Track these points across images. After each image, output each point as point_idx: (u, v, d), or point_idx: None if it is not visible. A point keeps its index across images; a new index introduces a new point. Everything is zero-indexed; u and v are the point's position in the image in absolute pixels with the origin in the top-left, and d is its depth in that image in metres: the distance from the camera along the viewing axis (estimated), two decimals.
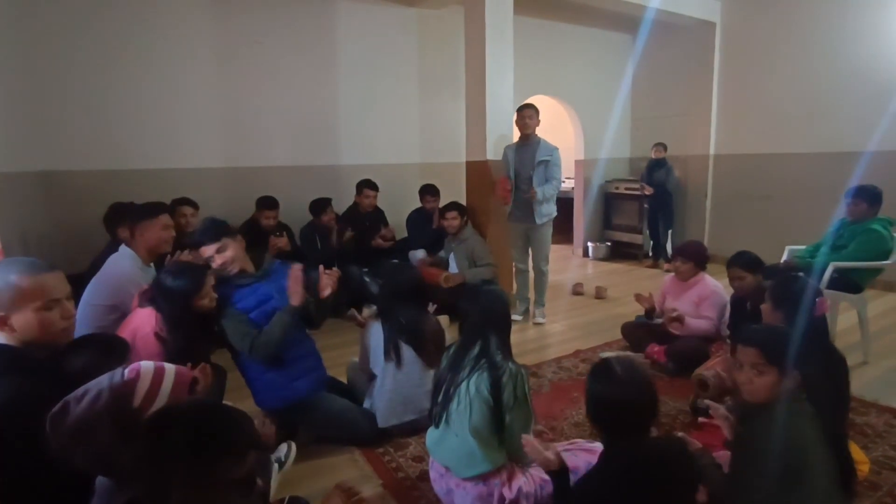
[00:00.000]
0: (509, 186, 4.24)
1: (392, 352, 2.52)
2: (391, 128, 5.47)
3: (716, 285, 3.40)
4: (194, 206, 3.93)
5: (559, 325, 4.40)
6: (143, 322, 2.15)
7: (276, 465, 2.27)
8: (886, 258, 3.55)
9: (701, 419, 2.53)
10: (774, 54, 5.90)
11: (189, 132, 4.46)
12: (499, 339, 2.02)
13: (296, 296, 2.39)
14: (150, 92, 4.26)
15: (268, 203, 4.29)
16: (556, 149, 4.29)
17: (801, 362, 1.66)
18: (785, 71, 5.83)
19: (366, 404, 2.65)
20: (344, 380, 2.93)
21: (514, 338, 4.14)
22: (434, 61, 5.60)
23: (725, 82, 6.38)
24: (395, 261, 4.94)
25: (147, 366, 1.28)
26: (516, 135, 4.40)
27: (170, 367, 1.30)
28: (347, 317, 4.44)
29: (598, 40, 6.90)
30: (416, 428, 2.58)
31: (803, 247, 4.03)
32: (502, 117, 4.55)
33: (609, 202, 7.18)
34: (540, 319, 4.44)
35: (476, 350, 1.98)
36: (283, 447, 2.36)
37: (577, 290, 5.31)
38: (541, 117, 4.07)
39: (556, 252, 7.55)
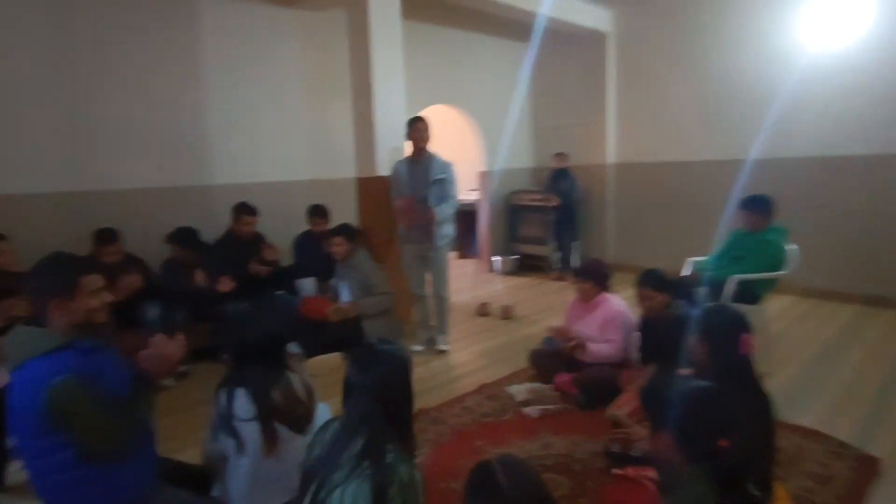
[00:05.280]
0: (415, 205, 3.82)
1: (225, 430, 1.96)
2: (273, 141, 4.88)
3: (620, 305, 3.20)
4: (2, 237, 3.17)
5: (464, 354, 4.05)
6: None
7: None
8: (783, 268, 3.54)
9: (615, 471, 2.26)
10: (666, 64, 6.01)
11: (14, 151, 3.64)
12: (394, 426, 1.52)
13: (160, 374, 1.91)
14: None
15: (104, 237, 3.58)
16: (451, 164, 3.97)
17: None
18: (677, 80, 5.94)
19: (215, 491, 2.11)
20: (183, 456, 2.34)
21: (416, 372, 3.73)
22: (321, 67, 5.08)
23: (621, 91, 6.44)
24: (281, 292, 4.38)
25: None
26: (409, 149, 4.01)
27: None
28: (223, 360, 3.84)
29: (497, 48, 6.72)
30: None
31: (704, 258, 3.98)
32: (393, 129, 4.15)
33: (514, 214, 7.01)
34: (443, 346, 4.07)
35: (360, 444, 1.47)
36: None
37: (483, 311, 5.01)
38: (443, 128, 3.75)
39: (461, 268, 7.29)
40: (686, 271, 3.96)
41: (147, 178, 4.20)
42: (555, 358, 3.34)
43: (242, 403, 2.02)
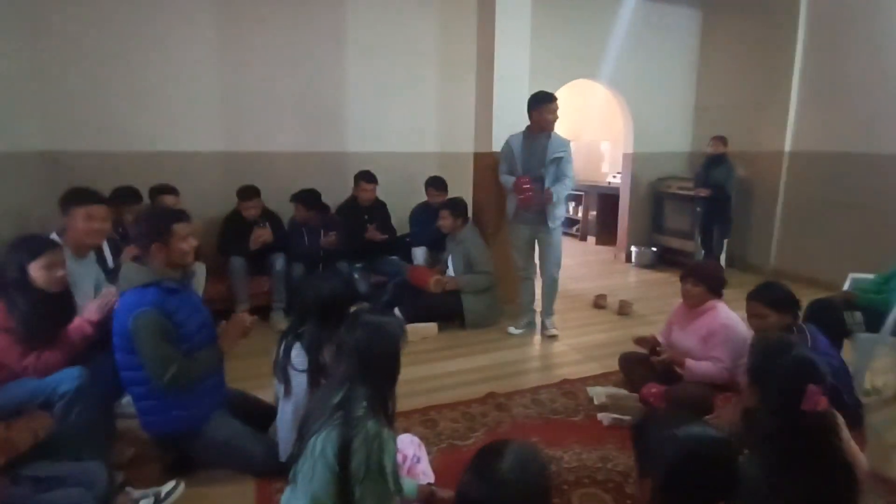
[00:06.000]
0: (529, 184, 3.64)
1: (279, 374, 2.17)
2: (405, 113, 5.02)
3: (729, 317, 2.74)
4: (175, 193, 3.78)
5: (562, 345, 3.85)
6: None
7: (151, 499, 2.02)
8: None
9: None
10: (873, 30, 4.82)
11: (188, 114, 4.30)
12: (371, 388, 1.62)
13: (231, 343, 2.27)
14: (150, 71, 4.14)
15: (245, 193, 4.04)
16: (569, 142, 3.72)
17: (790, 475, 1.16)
18: (888, 51, 4.74)
19: (271, 430, 2.34)
20: (264, 394, 2.61)
21: (507, 355, 3.66)
22: (454, 43, 5.01)
23: (810, 64, 5.33)
24: (395, 257, 4.61)
25: None
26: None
27: None
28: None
29: (652, 14, 5.99)
30: None
31: (872, 276, 3.21)
32: (514, 104, 4.00)
33: (660, 202, 6.36)
34: (553, 331, 3.92)
35: (338, 397, 1.60)
36: (170, 484, 2.10)
37: (599, 303, 4.68)
38: (588, 103, 3.51)
39: (596, 255, 6.90)
40: (844, 288, 3.24)
41: (289, 143, 4.65)
42: (648, 365, 3.01)
43: (298, 355, 2.21)
